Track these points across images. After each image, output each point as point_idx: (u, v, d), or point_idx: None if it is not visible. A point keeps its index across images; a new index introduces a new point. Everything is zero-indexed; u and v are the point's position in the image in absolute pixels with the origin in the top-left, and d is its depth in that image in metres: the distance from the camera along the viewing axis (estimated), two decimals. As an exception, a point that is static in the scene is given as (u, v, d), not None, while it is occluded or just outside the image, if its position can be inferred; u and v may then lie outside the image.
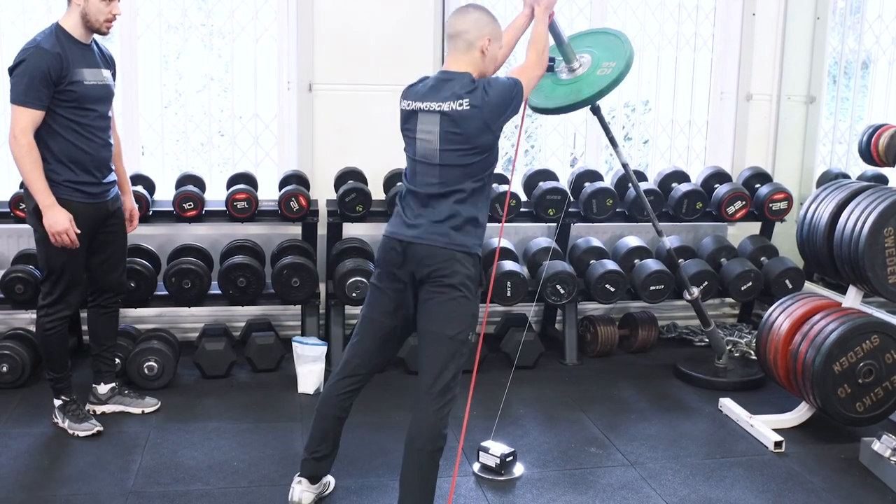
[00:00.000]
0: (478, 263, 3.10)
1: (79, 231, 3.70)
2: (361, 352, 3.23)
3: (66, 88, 3.62)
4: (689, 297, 4.69)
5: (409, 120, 3.15)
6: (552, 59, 3.81)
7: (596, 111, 4.17)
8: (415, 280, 3.07)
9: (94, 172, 3.79)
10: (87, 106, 3.71)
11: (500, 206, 4.84)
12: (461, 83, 3.03)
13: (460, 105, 3.00)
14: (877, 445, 3.71)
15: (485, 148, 3.04)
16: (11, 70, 3.62)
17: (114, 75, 3.93)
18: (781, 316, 4.20)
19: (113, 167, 3.95)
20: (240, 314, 5.32)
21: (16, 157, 3.61)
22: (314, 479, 3.32)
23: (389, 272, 3.13)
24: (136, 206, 4.21)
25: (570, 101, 3.82)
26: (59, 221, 3.63)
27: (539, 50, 3.28)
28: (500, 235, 4.11)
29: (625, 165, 4.46)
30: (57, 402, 3.98)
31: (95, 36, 3.81)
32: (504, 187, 5.00)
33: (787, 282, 5.17)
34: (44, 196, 3.63)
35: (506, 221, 5.03)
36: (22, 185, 4.62)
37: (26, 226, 4.66)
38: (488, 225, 3.23)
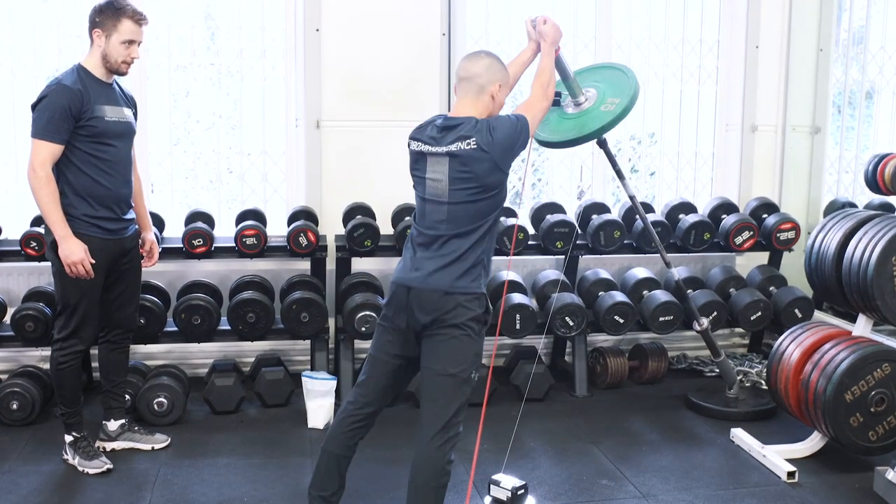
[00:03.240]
0: (484, 303, 3.11)
1: (94, 261, 3.73)
2: (368, 390, 3.24)
3: (86, 123, 3.70)
4: (698, 328, 4.67)
5: (418, 162, 3.19)
6: (558, 94, 3.87)
7: (602, 144, 4.21)
8: (419, 324, 3.08)
9: (114, 208, 3.85)
10: (107, 141, 3.78)
11: (507, 239, 4.85)
12: (467, 126, 3.07)
13: (468, 145, 3.03)
14: (891, 474, 3.67)
15: (494, 186, 3.07)
16: (34, 105, 3.71)
17: (135, 115, 4.02)
18: (792, 345, 4.19)
19: (132, 204, 4.01)
20: (249, 349, 5.32)
21: (34, 189, 3.67)
22: None
23: (395, 315, 3.15)
24: (156, 241, 4.25)
25: (575, 136, 3.86)
26: (74, 252, 3.67)
27: (544, 83, 3.33)
28: (508, 268, 4.12)
29: (632, 197, 4.46)
30: (68, 438, 3.98)
31: (116, 77, 3.91)
32: (512, 220, 5.00)
33: (796, 311, 5.16)
34: (60, 227, 3.68)
35: (514, 254, 5.06)
36: (35, 223, 4.72)
37: (37, 264, 4.74)
38: (495, 258, 3.25)
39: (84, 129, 3.71)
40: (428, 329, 3.06)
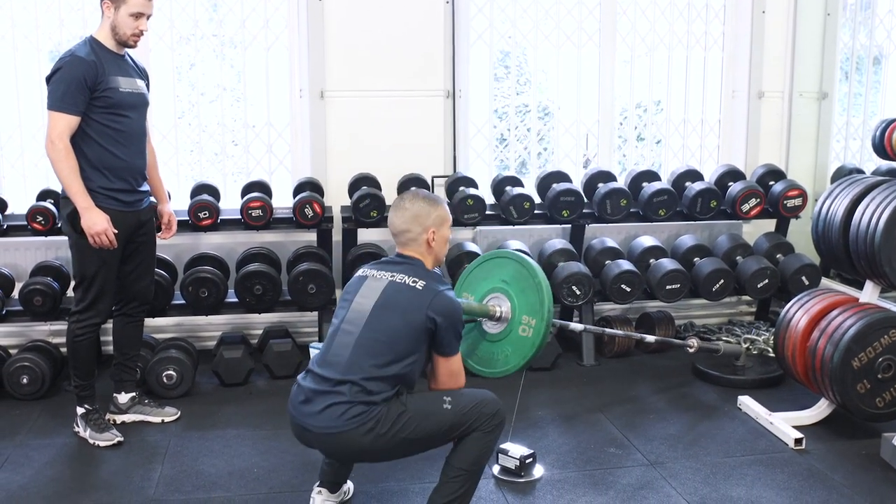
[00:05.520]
0: (395, 398, 2.94)
1: (116, 231, 3.75)
2: None
3: (101, 95, 3.70)
4: (691, 350, 4.52)
5: (354, 285, 3.13)
6: (474, 320, 3.58)
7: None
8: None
9: (129, 179, 3.86)
10: (121, 112, 3.78)
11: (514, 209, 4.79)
12: (421, 270, 3.03)
13: (414, 283, 2.97)
14: (898, 440, 3.70)
15: (410, 342, 2.94)
16: (49, 78, 3.71)
17: (147, 87, 4.02)
18: (799, 313, 4.19)
19: (147, 176, 4.02)
20: (257, 322, 5.34)
21: (53, 161, 3.67)
22: (334, 487, 3.32)
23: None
24: (173, 213, 4.26)
25: (506, 371, 3.52)
26: (97, 222, 3.69)
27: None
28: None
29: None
30: (80, 411, 4.00)
31: (126, 49, 3.90)
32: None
33: (803, 278, 5.15)
34: (81, 198, 3.68)
35: (521, 223, 5.06)
36: (41, 197, 4.73)
37: (44, 238, 4.74)
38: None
39: (99, 100, 3.71)
40: None
